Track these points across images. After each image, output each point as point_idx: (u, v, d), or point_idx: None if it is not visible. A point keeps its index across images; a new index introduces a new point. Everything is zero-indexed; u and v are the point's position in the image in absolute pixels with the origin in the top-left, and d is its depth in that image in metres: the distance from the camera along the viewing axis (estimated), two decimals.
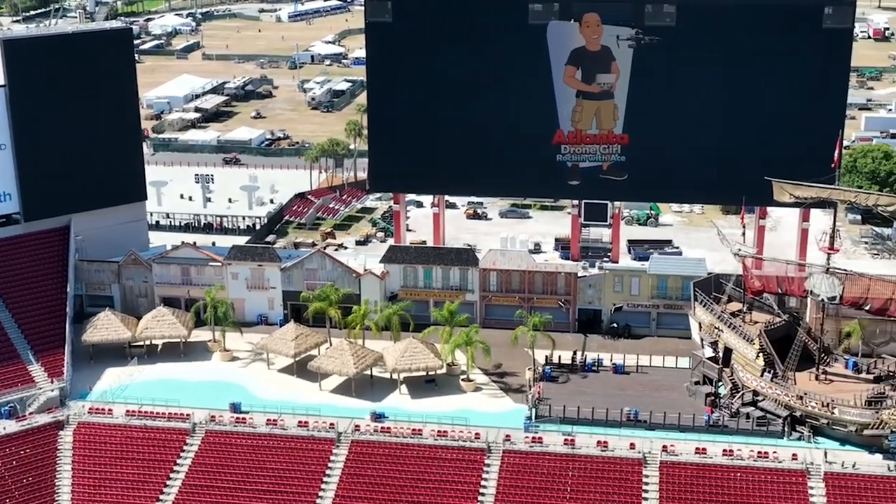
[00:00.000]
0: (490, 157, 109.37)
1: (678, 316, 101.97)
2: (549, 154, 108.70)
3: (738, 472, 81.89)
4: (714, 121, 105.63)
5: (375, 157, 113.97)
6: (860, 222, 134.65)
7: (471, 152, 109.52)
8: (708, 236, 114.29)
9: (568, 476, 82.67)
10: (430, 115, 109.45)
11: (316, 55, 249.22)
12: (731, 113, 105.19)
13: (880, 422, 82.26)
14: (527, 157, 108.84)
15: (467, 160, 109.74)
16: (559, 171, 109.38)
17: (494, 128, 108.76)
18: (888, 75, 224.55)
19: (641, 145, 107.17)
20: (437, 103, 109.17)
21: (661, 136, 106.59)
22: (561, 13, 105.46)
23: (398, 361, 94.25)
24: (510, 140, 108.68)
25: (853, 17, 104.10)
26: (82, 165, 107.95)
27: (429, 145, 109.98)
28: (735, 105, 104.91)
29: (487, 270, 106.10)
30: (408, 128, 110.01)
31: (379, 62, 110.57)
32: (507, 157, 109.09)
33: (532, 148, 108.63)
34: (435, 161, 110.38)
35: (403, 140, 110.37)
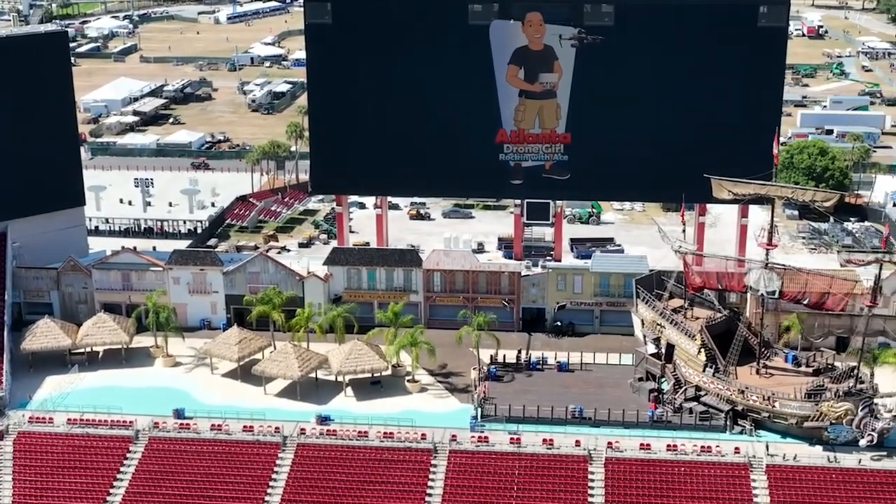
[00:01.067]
0: (433, 157, 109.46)
1: (621, 313, 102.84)
2: (492, 154, 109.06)
3: (682, 466, 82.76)
4: (654, 119, 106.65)
5: (317, 159, 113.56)
6: (798, 218, 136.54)
7: (413, 153, 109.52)
8: (649, 234, 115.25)
9: (514, 475, 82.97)
10: (372, 116, 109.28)
11: (255, 57, 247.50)
12: (670, 111, 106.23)
13: (820, 414, 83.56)
14: (469, 156, 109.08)
15: (410, 161, 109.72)
16: (502, 171, 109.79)
17: (437, 128, 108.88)
18: (822, 72, 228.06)
19: (584, 144, 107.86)
20: (378, 104, 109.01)
21: (602, 134, 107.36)
22: (501, 13, 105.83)
23: (343, 364, 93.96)
24: (453, 140, 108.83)
25: (788, 15, 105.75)
26: (18, 171, 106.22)
27: (371, 146, 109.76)
28: (674, 103, 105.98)
29: (431, 271, 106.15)
30: (349, 129, 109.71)
31: (319, 64, 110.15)
32: (449, 157, 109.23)
33: (475, 148, 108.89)
34: (377, 162, 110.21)
35: (345, 141, 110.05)
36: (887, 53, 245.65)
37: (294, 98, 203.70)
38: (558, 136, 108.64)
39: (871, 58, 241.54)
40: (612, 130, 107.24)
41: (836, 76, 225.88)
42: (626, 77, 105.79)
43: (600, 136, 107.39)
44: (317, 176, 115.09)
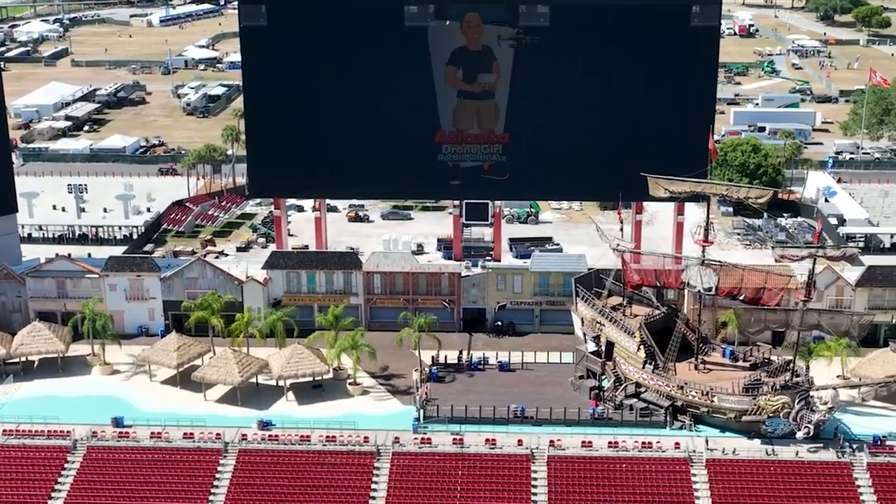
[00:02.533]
0: (371, 159, 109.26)
1: (561, 312, 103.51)
2: (431, 154, 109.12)
3: (624, 463, 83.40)
4: (591, 119, 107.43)
5: (254, 162, 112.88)
6: (732, 214, 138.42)
7: (351, 155, 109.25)
8: (587, 232, 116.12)
9: (458, 475, 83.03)
10: (309, 118, 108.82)
11: (190, 60, 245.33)
12: (606, 111, 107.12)
13: (757, 408, 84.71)
14: (408, 158, 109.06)
15: (348, 163, 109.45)
16: (440, 172, 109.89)
17: (375, 129, 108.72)
18: (754, 71, 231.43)
19: (522, 144, 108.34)
20: (315, 106, 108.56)
21: (540, 135, 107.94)
22: (437, 14, 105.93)
23: (284, 368, 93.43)
24: (391, 141, 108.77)
25: (720, 15, 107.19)
26: None
27: (309, 149, 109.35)
28: (610, 103, 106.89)
29: (371, 273, 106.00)
30: (287, 132, 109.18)
31: (255, 66, 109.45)
32: (388, 158, 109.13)
33: (413, 149, 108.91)
34: (315, 165, 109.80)
35: (282, 144, 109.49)
36: (816, 51, 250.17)
37: (230, 101, 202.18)
38: (497, 137, 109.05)
39: (800, 56, 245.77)
40: (550, 130, 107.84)
41: (768, 74, 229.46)
42: (562, 77, 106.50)
43: (538, 136, 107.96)
44: (254, 179, 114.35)
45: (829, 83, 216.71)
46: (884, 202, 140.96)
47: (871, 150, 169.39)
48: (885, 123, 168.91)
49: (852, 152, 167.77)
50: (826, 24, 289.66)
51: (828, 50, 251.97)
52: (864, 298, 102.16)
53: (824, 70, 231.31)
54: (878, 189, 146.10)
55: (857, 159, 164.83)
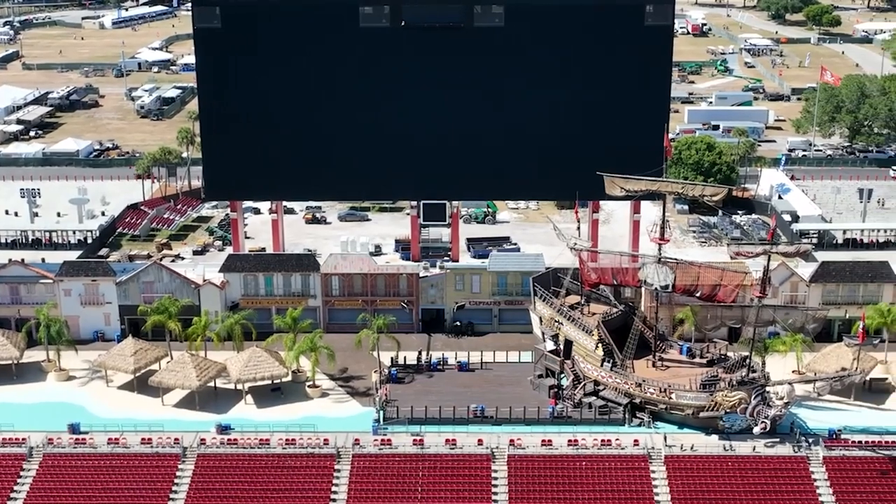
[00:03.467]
0: (328, 160, 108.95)
1: (519, 311, 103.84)
2: (388, 155, 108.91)
3: (583, 460, 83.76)
4: (546, 118, 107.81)
5: (210, 165, 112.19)
6: (688, 212, 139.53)
7: (308, 156, 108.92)
8: (544, 232, 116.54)
9: (418, 476, 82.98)
10: (265, 120, 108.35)
11: (143, 62, 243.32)
12: (562, 110, 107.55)
13: (715, 403, 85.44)
14: (364, 159, 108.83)
15: (305, 165, 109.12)
16: (398, 172, 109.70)
17: (331, 131, 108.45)
18: (707, 69, 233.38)
19: (478, 144, 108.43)
20: (271, 108, 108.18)
21: (496, 134, 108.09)
22: (391, 16, 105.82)
23: (242, 371, 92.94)
24: (347, 143, 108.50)
25: (673, 14, 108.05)
26: None
27: (265, 151, 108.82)
28: (565, 102, 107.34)
29: (329, 275, 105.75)
30: (242, 134, 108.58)
31: (209, 68, 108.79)
32: (344, 159, 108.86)
33: (370, 150, 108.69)
34: (271, 167, 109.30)
35: (238, 147, 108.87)
36: (768, 50, 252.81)
37: (184, 103, 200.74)
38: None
39: (753, 54, 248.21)
40: (506, 130, 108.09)
41: (721, 73, 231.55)
42: (518, 77, 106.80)
43: (494, 135, 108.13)
44: (210, 182, 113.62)
45: (781, 81, 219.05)
46: (836, 199, 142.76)
47: (823, 148, 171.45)
48: (836, 121, 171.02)
49: (805, 150, 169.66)
50: (777, 22, 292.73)
51: (779, 48, 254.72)
52: (818, 294, 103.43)
53: (776, 68, 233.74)
54: (830, 186, 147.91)
55: (809, 156, 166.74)
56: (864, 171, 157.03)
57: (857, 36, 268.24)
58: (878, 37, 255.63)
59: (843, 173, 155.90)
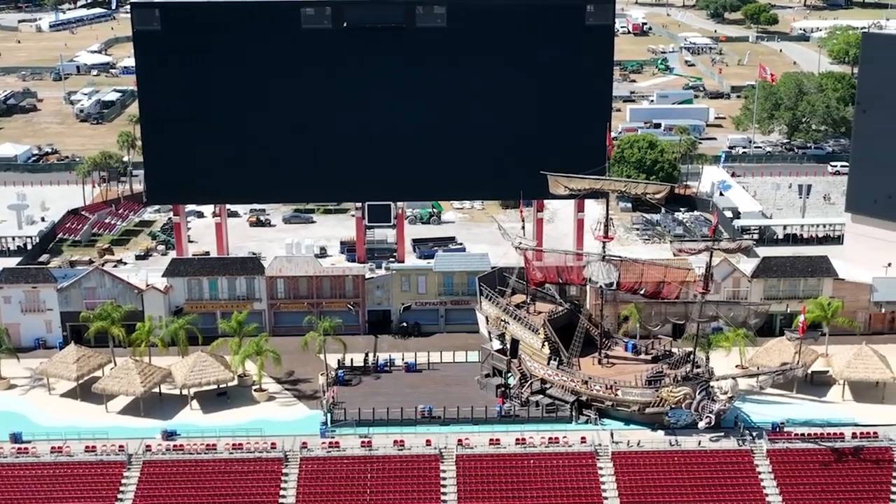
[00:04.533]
0: (271, 162, 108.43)
1: (465, 311, 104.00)
2: (332, 157, 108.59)
3: (532, 459, 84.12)
4: (490, 119, 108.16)
5: (151, 169, 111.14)
6: (631, 210, 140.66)
7: (251, 159, 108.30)
8: (490, 231, 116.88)
9: (367, 478, 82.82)
10: (207, 122, 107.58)
11: (82, 65, 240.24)
12: (505, 110, 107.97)
13: (660, 399, 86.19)
14: (309, 161, 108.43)
15: (248, 167, 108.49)
16: (341, 175, 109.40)
17: (274, 133, 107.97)
18: (648, 68, 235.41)
19: (422, 145, 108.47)
20: (213, 111, 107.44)
21: (440, 135, 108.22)
22: (333, 17, 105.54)
23: (187, 376, 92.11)
24: (291, 145, 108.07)
25: (613, 14, 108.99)
26: None
27: (207, 154, 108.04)
28: (509, 102, 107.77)
29: (274, 278, 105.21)
30: (184, 137, 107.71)
31: (149, 71, 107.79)
32: (288, 162, 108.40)
33: (313, 152, 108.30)
34: (214, 170, 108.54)
35: (180, 150, 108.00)
36: (708, 48, 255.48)
37: (124, 107, 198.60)
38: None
39: (693, 53, 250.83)
40: (450, 130, 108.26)
41: (662, 71, 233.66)
42: (461, 78, 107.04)
43: (438, 136, 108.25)
44: (152, 186, 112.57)
45: (720, 79, 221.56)
46: (776, 195, 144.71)
47: (762, 144, 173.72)
48: (775, 118, 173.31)
49: (745, 146, 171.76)
50: (716, 21, 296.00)
51: (719, 47, 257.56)
52: (759, 289, 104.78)
53: (716, 66, 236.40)
54: (770, 182, 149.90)
55: (749, 153, 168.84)
56: (803, 168, 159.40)
57: (794, 34, 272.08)
58: (814, 35, 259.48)
59: (782, 170, 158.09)
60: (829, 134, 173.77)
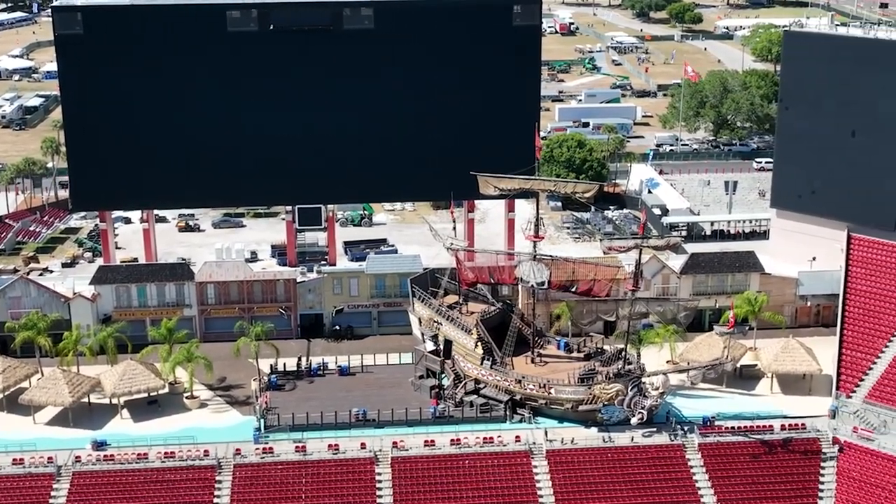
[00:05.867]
0: (199, 167, 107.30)
1: (398, 313, 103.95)
2: (260, 160, 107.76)
3: (466, 459, 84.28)
4: (420, 120, 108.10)
5: (77, 175, 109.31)
6: (561, 209, 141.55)
7: (179, 163, 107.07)
8: (421, 232, 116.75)
9: (301, 483, 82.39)
10: (133, 127, 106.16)
11: (3, 70, 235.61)
12: (435, 111, 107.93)
13: (593, 397, 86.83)
14: (237, 164, 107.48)
15: (176, 172, 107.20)
16: (271, 178, 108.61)
17: (202, 137, 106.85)
18: (576, 68, 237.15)
19: (352, 147, 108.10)
20: (139, 115, 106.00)
21: (370, 137, 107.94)
22: (260, 20, 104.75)
23: (117, 385, 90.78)
24: (219, 149, 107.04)
25: (540, 14, 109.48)
26: None
27: (133, 159, 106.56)
28: (438, 103, 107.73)
29: (204, 283, 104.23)
30: (110, 142, 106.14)
31: (73, 76, 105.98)
32: (216, 166, 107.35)
33: (242, 155, 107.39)
34: (141, 175, 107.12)
35: (106, 155, 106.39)
36: (634, 47, 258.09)
37: (48, 112, 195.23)
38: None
39: (619, 52, 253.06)
40: (380, 132, 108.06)
41: (589, 71, 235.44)
42: (389, 79, 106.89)
43: (368, 138, 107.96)
44: (77, 192, 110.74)
45: (647, 78, 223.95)
46: (703, 191, 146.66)
47: (689, 142, 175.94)
48: (701, 116, 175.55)
49: (672, 144, 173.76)
50: (642, 20, 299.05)
51: (645, 46, 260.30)
52: (688, 285, 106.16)
53: (642, 65, 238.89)
54: (697, 179, 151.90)
55: (676, 151, 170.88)
56: (729, 164, 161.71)
57: (718, 33, 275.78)
58: (738, 33, 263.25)
59: (709, 167, 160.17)
60: (754, 131, 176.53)
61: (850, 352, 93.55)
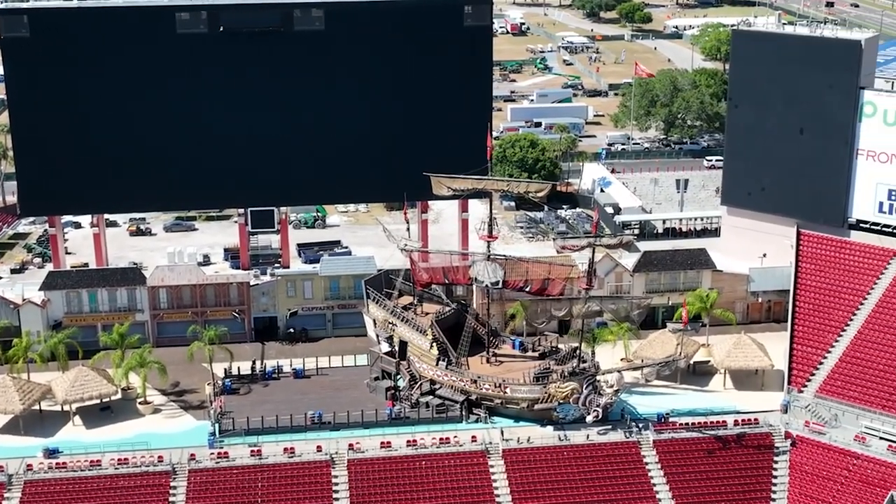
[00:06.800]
0: (149, 170, 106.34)
1: (353, 315, 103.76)
2: (212, 163, 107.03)
3: (423, 460, 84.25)
4: (372, 121, 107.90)
5: (25, 180, 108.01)
6: (515, 209, 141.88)
7: (129, 167, 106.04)
8: (375, 234, 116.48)
9: (257, 487, 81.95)
10: (82, 131, 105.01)
11: None
12: (387, 112, 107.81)
13: (548, 395, 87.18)
14: (188, 167, 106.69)
15: (126, 175, 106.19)
16: (223, 181, 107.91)
17: (152, 140, 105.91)
18: (528, 68, 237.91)
19: (304, 149, 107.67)
20: (88, 118, 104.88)
21: (322, 138, 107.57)
22: (209, 22, 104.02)
23: (68, 392, 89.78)
24: (170, 152, 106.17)
25: (491, 14, 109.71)
26: None
27: (82, 163, 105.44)
28: (390, 104, 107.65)
29: (156, 288, 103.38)
30: (58, 146, 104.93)
31: (19, 79, 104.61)
32: (167, 169, 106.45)
33: (193, 158, 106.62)
34: (91, 179, 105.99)
35: (54, 159, 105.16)
36: (585, 47, 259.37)
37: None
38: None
39: (570, 52, 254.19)
40: (332, 133, 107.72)
41: (541, 71, 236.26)
42: (341, 80, 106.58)
43: (320, 139, 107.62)
44: (25, 197, 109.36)
45: (598, 77, 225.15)
46: (655, 190, 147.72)
47: (640, 141, 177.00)
48: (652, 115, 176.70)
49: (623, 143, 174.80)
50: (592, 20, 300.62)
51: (595, 46, 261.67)
52: (641, 283, 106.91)
53: (593, 65, 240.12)
54: (649, 177, 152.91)
55: (628, 150, 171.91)
56: (680, 163, 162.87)
57: (667, 32, 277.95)
58: (687, 32, 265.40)
59: (660, 165, 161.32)
60: (704, 129, 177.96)
61: (801, 347, 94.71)
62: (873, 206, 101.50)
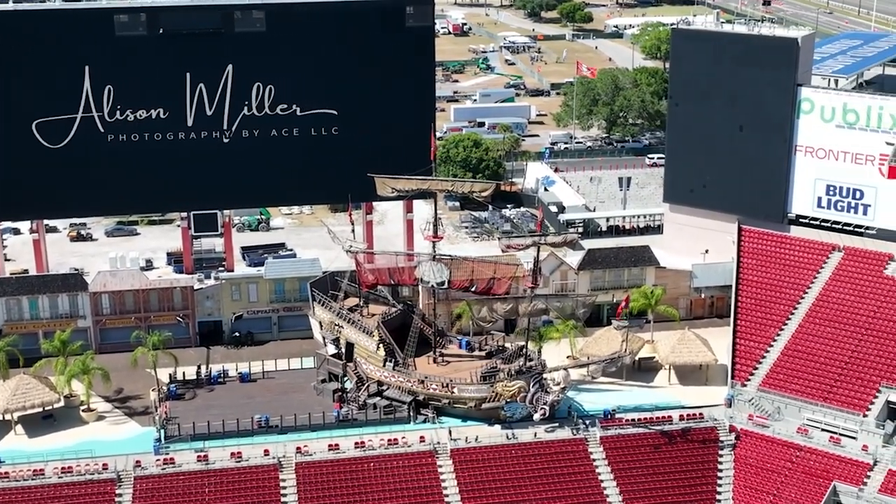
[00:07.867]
0: (89, 174, 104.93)
1: (299, 317, 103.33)
2: (153, 166, 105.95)
3: (371, 461, 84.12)
4: (315, 122, 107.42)
5: None
6: (459, 209, 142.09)
7: (68, 171, 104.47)
8: (320, 236, 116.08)
9: (204, 493, 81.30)
10: (19, 135, 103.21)
11: None
12: (329, 114, 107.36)
13: (495, 394, 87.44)
14: (129, 171, 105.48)
15: (65, 180, 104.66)
16: (164, 185, 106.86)
17: (91, 144, 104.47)
18: (470, 68, 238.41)
19: (247, 151, 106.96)
20: (24, 122, 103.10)
21: (265, 140, 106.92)
22: (148, 24, 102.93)
23: (9, 401, 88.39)
24: (110, 156, 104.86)
25: (433, 14, 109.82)
26: None
27: (20, 167, 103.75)
28: (333, 105, 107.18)
29: (98, 293, 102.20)
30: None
31: None
32: (107, 173, 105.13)
33: (134, 162, 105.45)
34: (29, 184, 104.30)
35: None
36: (527, 47, 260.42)
37: None
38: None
39: (512, 52, 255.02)
40: (274, 136, 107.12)
41: (483, 71, 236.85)
42: (283, 82, 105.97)
43: (263, 142, 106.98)
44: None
45: (540, 77, 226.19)
46: (598, 188, 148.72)
47: (583, 140, 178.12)
48: (594, 113, 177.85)
49: (566, 142, 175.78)
50: (534, 20, 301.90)
51: (537, 45, 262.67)
52: (586, 281, 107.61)
53: (535, 65, 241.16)
54: (591, 176, 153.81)
55: (571, 149, 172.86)
56: (623, 161, 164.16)
57: (608, 31, 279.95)
58: (627, 31, 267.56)
59: (602, 163, 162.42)
60: (646, 127, 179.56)
61: (744, 341, 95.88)
62: (812, 202, 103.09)
